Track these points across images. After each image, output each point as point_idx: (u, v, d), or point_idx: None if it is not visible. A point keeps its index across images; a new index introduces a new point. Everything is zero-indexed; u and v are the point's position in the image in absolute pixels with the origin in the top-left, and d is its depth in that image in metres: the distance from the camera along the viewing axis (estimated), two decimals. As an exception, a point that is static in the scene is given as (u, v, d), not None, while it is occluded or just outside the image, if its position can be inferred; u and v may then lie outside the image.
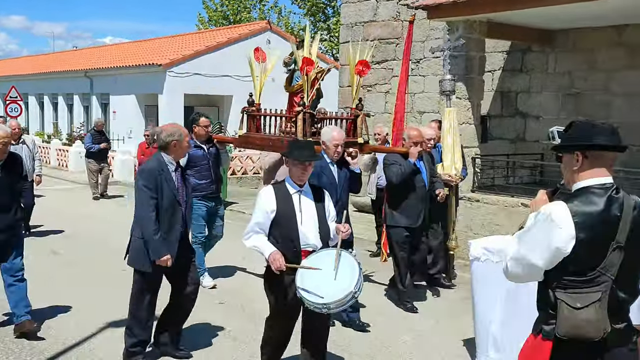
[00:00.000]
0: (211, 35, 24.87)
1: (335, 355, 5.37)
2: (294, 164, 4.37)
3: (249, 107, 7.27)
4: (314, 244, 4.36)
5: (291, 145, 4.46)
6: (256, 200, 4.41)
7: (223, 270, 8.24)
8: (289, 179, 4.43)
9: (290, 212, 4.33)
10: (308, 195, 4.45)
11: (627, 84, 9.96)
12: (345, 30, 14.28)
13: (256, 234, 4.37)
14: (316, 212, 4.41)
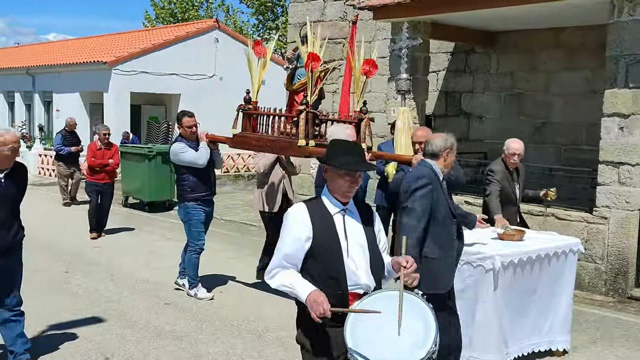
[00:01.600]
0: (158, 33, 24.52)
1: None
2: (339, 174, 3.13)
3: (245, 105, 6.69)
4: (365, 284, 3.12)
5: (334, 148, 3.23)
6: (283, 223, 3.20)
7: (169, 270, 8.15)
8: (328, 193, 3.21)
9: (332, 239, 3.10)
10: (354, 216, 3.21)
11: (565, 85, 10.27)
12: (293, 30, 14.29)
13: (285, 269, 3.14)
14: (366, 240, 3.17)
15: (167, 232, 10.97)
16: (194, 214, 6.95)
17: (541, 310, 5.28)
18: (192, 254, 7.05)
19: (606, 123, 7.44)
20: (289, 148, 6.14)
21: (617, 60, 7.29)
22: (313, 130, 5.99)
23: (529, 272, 5.08)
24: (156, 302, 6.84)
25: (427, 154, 4.64)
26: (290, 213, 3.19)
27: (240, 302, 6.88)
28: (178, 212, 7.17)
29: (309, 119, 5.93)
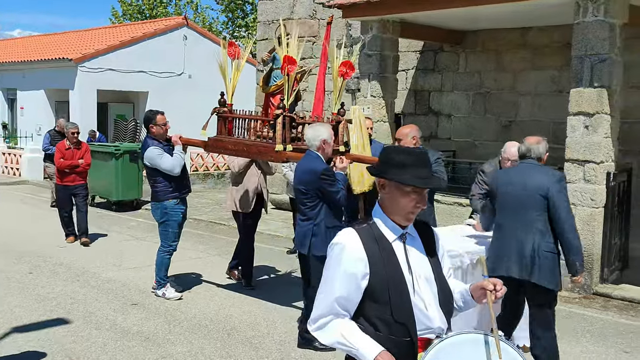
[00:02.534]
0: (125, 30, 24.20)
1: None
2: (404, 191, 2.47)
3: (220, 108, 6.55)
4: (438, 327, 2.53)
5: (393, 157, 2.52)
6: (329, 255, 2.54)
7: (136, 271, 8.05)
8: (384, 214, 2.53)
9: (395, 274, 2.46)
10: (415, 241, 2.58)
11: (532, 84, 10.40)
12: (262, 28, 14.25)
13: (338, 318, 2.49)
14: (432, 270, 2.55)
15: (136, 232, 10.83)
16: (172, 214, 6.84)
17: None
18: (165, 255, 6.95)
19: (572, 122, 7.54)
20: (266, 153, 6.07)
21: (582, 59, 7.39)
22: (290, 134, 5.92)
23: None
24: (123, 302, 6.74)
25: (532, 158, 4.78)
26: (337, 243, 2.49)
27: (209, 301, 6.82)
28: (153, 212, 7.00)
29: (286, 123, 5.86)
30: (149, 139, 6.87)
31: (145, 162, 6.81)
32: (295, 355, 5.39)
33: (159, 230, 7.02)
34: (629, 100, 8.61)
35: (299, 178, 5.47)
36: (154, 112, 6.94)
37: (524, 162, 4.76)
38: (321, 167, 5.32)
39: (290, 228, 10.01)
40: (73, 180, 9.69)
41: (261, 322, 6.19)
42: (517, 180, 4.66)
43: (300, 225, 5.50)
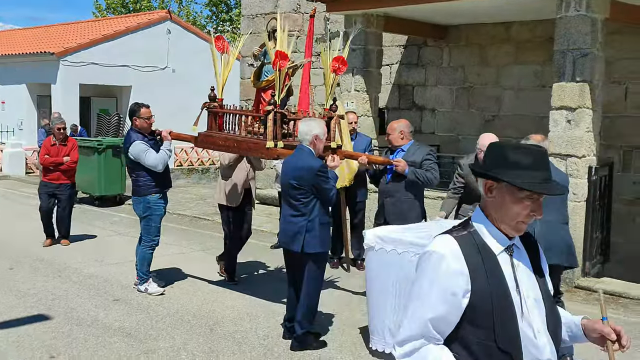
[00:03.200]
0: (108, 24, 24.00)
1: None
2: (516, 197, 2.09)
3: (210, 103, 6.49)
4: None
5: (504, 155, 2.12)
6: (420, 266, 2.13)
7: (119, 266, 8.00)
8: (488, 222, 2.15)
9: (501, 293, 2.08)
10: (521, 254, 2.19)
11: (515, 79, 10.44)
12: (246, 22, 14.18)
13: (430, 343, 2.10)
14: (540, 290, 2.18)
15: (118, 227, 10.76)
16: (156, 209, 6.78)
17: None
18: (147, 250, 6.89)
19: (554, 116, 7.58)
20: (257, 149, 6.01)
21: (564, 54, 7.42)
22: (282, 131, 5.86)
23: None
24: (105, 298, 6.69)
25: None
26: (434, 252, 2.08)
27: (192, 297, 6.79)
28: (134, 207, 6.93)
29: (277, 119, 5.80)
30: (133, 132, 6.79)
31: (129, 156, 6.73)
32: (279, 350, 5.38)
33: (141, 225, 6.96)
34: (611, 95, 8.67)
35: (291, 173, 5.37)
36: (138, 104, 6.85)
37: None
38: (317, 164, 5.29)
39: (274, 223, 9.98)
40: (57, 179, 9.16)
41: (244, 317, 6.17)
42: None
43: (291, 221, 5.38)
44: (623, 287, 7.36)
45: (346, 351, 5.38)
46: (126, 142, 6.80)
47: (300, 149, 5.43)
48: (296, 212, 5.36)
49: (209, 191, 15.35)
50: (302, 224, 5.30)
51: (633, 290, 7.25)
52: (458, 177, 6.28)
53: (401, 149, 6.25)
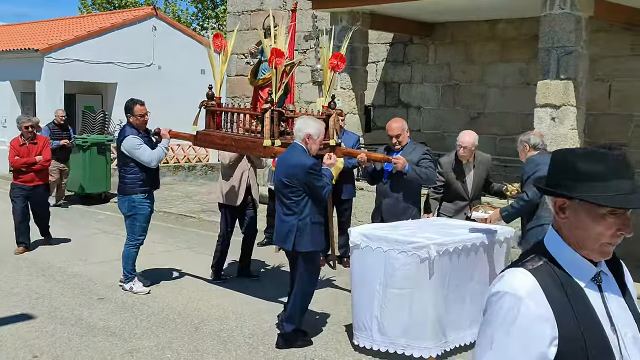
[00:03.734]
0: (93, 20, 23.81)
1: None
2: (598, 214, 1.70)
3: (208, 101, 6.44)
4: None
5: (580, 166, 1.72)
6: (491, 313, 1.72)
7: (103, 265, 7.95)
8: (565, 246, 1.76)
9: (597, 335, 1.69)
10: (610, 282, 1.81)
11: (500, 76, 10.48)
12: (232, 19, 14.14)
13: None
14: (635, 323, 1.80)
15: (104, 225, 10.69)
16: (140, 208, 6.70)
17: (479, 299, 5.35)
18: (132, 248, 6.83)
19: (539, 113, 7.62)
20: (255, 147, 5.97)
21: (548, 52, 7.46)
22: (279, 129, 5.81)
23: (464, 261, 5.15)
24: (89, 297, 6.65)
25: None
26: (508, 292, 1.69)
27: (177, 295, 6.76)
28: (119, 205, 6.88)
29: (275, 117, 5.76)
30: (129, 127, 6.71)
31: (124, 151, 6.61)
32: (264, 348, 5.37)
33: (125, 224, 6.91)
34: (594, 92, 8.73)
35: (284, 171, 5.33)
36: (133, 101, 6.74)
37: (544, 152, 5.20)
38: (310, 162, 5.24)
39: (262, 220, 9.95)
40: (31, 180, 8.52)
41: (230, 316, 6.15)
42: None
43: (283, 220, 5.35)
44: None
45: (331, 348, 5.38)
46: (120, 135, 6.73)
47: (293, 147, 5.39)
48: (288, 211, 5.32)
49: (195, 188, 15.31)
50: (293, 222, 5.27)
51: None
52: (438, 175, 6.29)
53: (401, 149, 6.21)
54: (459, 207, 6.25)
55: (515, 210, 5.09)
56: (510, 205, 5.17)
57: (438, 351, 5.01)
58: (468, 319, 5.29)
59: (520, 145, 5.51)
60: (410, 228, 5.45)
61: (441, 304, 5.00)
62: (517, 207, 5.07)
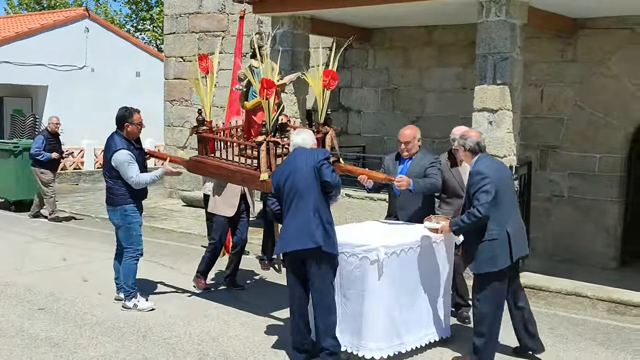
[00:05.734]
0: (22, 21, 23.03)
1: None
2: None
3: (199, 127, 6.22)
4: None
5: None
6: None
7: (42, 273, 7.71)
8: None
9: None
10: None
11: (438, 81, 10.72)
12: (170, 21, 13.95)
13: None
14: None
15: (38, 233, 10.37)
16: (134, 216, 6.39)
17: (431, 300, 5.46)
18: (132, 261, 6.47)
19: (476, 117, 7.84)
20: (251, 181, 5.81)
21: (485, 58, 7.70)
22: (276, 159, 5.65)
23: (413, 263, 5.25)
24: (29, 307, 6.44)
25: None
26: None
27: (120, 303, 6.62)
28: (110, 216, 6.54)
29: (271, 148, 5.62)
30: (119, 137, 6.34)
31: (111, 163, 6.29)
32: (214, 354, 5.34)
33: (120, 236, 6.54)
34: (528, 96, 9.05)
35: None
36: (129, 109, 6.40)
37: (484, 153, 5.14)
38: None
39: (203, 225, 9.87)
40: None
41: (177, 322, 6.08)
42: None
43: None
44: (544, 280, 7.71)
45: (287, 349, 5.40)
46: (110, 147, 6.33)
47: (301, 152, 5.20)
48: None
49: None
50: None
51: (553, 283, 7.60)
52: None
53: (410, 157, 6.07)
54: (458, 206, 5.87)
55: (466, 224, 4.97)
56: (461, 220, 5.03)
57: (390, 352, 5.10)
58: (424, 321, 5.39)
59: (458, 146, 5.28)
60: (363, 230, 5.54)
61: (394, 306, 5.09)
62: (468, 222, 4.94)
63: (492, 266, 4.93)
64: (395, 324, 5.12)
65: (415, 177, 5.81)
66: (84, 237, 10.17)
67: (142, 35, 32.69)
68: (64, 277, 7.65)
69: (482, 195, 4.86)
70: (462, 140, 5.17)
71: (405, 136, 6.05)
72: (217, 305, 6.65)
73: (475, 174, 4.98)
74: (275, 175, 5.28)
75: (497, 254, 4.92)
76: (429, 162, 6.00)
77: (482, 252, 4.96)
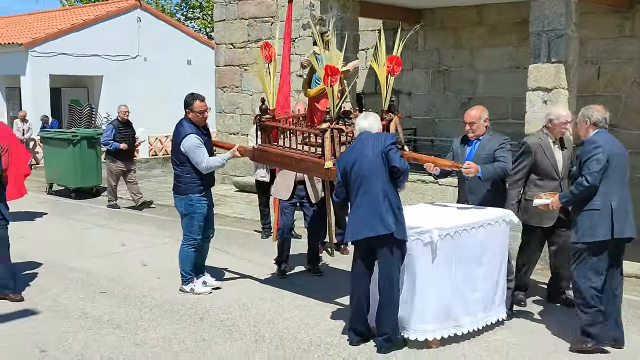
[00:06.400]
0: (77, 13, 23.63)
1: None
2: None
3: (262, 116, 6.20)
4: None
5: None
6: None
7: (102, 258, 7.97)
8: None
9: None
10: None
11: (489, 61, 10.55)
12: (219, 9, 14.07)
13: None
14: None
15: (98, 220, 10.68)
16: (198, 206, 6.43)
17: (488, 282, 5.39)
18: (189, 248, 6.54)
19: (530, 97, 7.69)
20: (315, 169, 5.78)
21: (539, 35, 7.52)
22: (340, 149, 5.58)
23: (469, 245, 5.18)
24: (92, 291, 6.67)
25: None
26: None
27: (179, 286, 6.77)
28: (176, 204, 6.62)
29: (335, 135, 5.56)
30: (187, 123, 6.37)
31: (180, 149, 6.31)
32: (270, 336, 5.43)
33: (182, 223, 6.62)
34: (584, 74, 8.82)
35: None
36: (193, 96, 6.40)
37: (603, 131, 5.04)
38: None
39: (255, 210, 10.00)
40: None
41: (233, 305, 6.20)
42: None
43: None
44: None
45: (335, 334, 5.44)
46: (179, 132, 6.33)
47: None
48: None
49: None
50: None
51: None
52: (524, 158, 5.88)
53: (478, 139, 5.87)
54: (552, 188, 5.73)
55: (574, 195, 4.90)
56: (570, 191, 4.99)
57: (444, 333, 5.09)
58: (481, 303, 5.35)
59: (582, 120, 5.12)
60: (416, 213, 5.51)
61: (448, 287, 5.07)
62: (576, 193, 4.87)
63: (592, 236, 4.86)
64: (449, 306, 5.10)
65: (484, 159, 5.68)
66: (142, 223, 10.43)
67: (192, 24, 33.10)
68: (124, 261, 7.88)
69: (593, 164, 4.82)
70: (587, 112, 5.08)
71: (469, 117, 5.89)
72: (271, 288, 6.75)
73: (588, 142, 4.94)
74: (340, 162, 5.22)
75: (598, 224, 4.85)
76: (497, 143, 5.79)
77: (582, 220, 4.92)
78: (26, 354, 5.07)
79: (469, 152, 5.88)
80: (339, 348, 5.16)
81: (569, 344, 5.13)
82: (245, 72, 13.38)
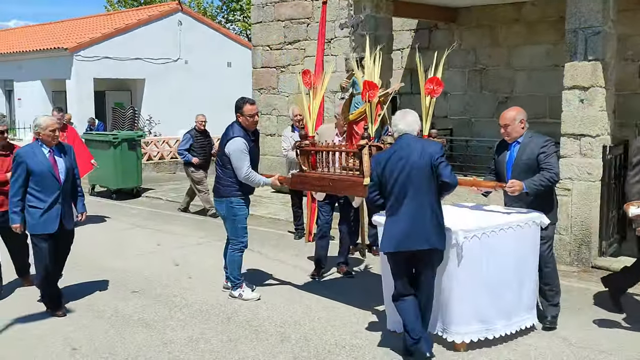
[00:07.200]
0: (120, 17, 24.14)
1: None
2: None
3: (302, 142, 6.22)
4: None
5: None
6: None
7: (137, 258, 8.11)
8: None
9: None
10: None
11: (527, 59, 10.36)
12: (256, 11, 14.18)
13: None
14: None
15: (137, 220, 10.87)
16: (239, 208, 6.39)
17: (521, 285, 5.28)
18: (236, 252, 6.53)
19: (567, 96, 7.52)
20: (354, 187, 5.76)
21: (576, 33, 7.35)
22: None
23: (498, 246, 5.07)
24: (124, 290, 6.79)
25: None
26: None
27: (209, 286, 6.85)
28: (217, 207, 6.60)
29: (373, 152, 5.45)
30: (238, 126, 6.31)
31: (225, 150, 6.26)
32: (296, 336, 5.44)
33: (226, 227, 6.60)
34: (623, 72, 8.59)
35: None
36: (244, 100, 6.36)
37: None
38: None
39: (289, 211, 10.03)
40: (2, 204, 6.41)
41: (261, 306, 6.23)
42: None
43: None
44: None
45: (361, 336, 5.41)
46: (228, 134, 6.30)
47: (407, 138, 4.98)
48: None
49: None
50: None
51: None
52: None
53: (517, 141, 5.58)
54: None
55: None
56: None
57: (474, 337, 5.01)
58: (515, 306, 5.24)
59: None
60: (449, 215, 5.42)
61: (478, 290, 4.98)
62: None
63: None
64: (480, 309, 5.01)
65: (525, 164, 5.42)
66: (179, 223, 10.57)
67: (233, 26, 33.44)
68: (158, 261, 8.00)
69: None
70: None
71: (504, 119, 5.58)
72: (300, 289, 6.76)
73: None
74: (376, 164, 4.99)
75: None
76: (538, 146, 5.43)
77: None
78: (57, 352, 5.18)
79: (509, 157, 5.60)
80: (364, 350, 5.14)
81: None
82: (281, 73, 13.45)
